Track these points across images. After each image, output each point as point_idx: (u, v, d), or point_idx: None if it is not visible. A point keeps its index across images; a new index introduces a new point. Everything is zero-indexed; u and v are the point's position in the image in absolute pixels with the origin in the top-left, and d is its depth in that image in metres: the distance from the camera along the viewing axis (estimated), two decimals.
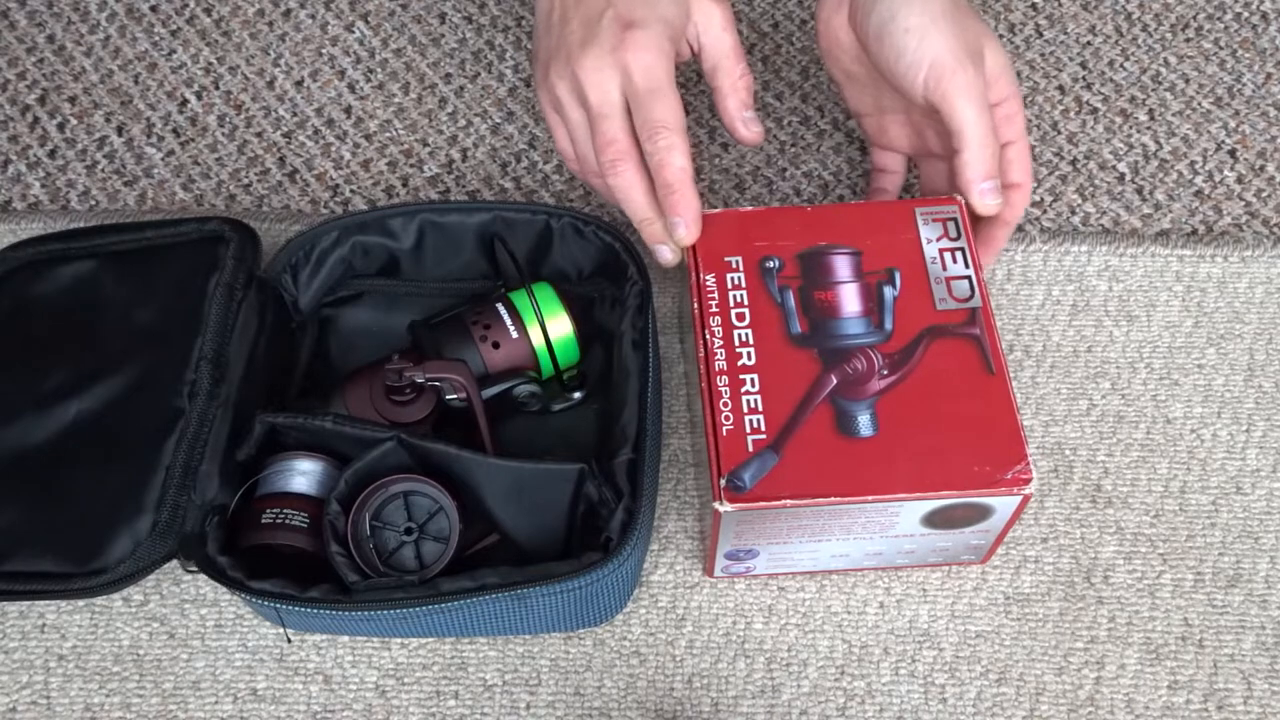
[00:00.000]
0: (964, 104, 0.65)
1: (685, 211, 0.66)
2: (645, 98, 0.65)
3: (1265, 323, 0.77)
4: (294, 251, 0.71)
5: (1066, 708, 0.67)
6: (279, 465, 0.66)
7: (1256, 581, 0.70)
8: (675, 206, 0.66)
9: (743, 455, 0.61)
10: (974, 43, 0.66)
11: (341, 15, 0.90)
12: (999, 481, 0.60)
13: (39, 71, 0.88)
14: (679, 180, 0.65)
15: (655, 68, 0.65)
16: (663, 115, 0.65)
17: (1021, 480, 0.60)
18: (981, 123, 0.65)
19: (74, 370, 0.69)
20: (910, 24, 0.65)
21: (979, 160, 0.66)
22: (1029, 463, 0.60)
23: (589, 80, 0.65)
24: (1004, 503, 0.61)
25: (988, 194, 0.67)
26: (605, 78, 0.65)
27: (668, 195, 0.66)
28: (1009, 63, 0.68)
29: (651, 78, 0.65)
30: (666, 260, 0.69)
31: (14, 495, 0.66)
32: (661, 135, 0.65)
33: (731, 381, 0.63)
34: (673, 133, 0.65)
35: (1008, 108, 0.68)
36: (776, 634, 0.69)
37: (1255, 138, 0.84)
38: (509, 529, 0.66)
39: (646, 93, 0.65)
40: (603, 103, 0.66)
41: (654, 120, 0.65)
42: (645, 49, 0.65)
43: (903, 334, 0.64)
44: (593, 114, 0.66)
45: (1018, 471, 0.60)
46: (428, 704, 0.67)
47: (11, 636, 0.69)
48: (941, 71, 0.65)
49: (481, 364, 0.68)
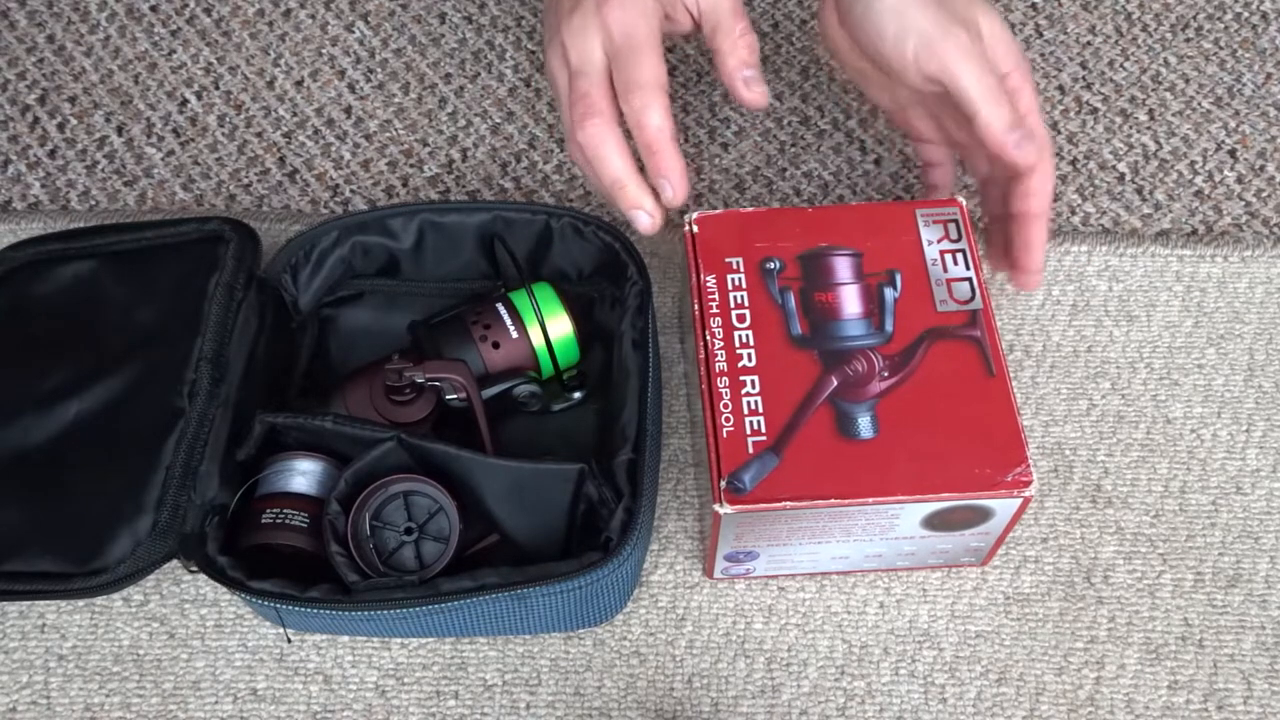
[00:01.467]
0: (962, 67, 0.63)
1: (669, 171, 0.64)
2: (624, 56, 0.63)
3: (1265, 323, 0.77)
4: (294, 251, 0.71)
5: (1066, 708, 0.67)
6: (279, 465, 0.66)
7: (1256, 581, 0.70)
8: (659, 167, 0.64)
9: (743, 457, 0.61)
10: (964, 12, 0.64)
11: (341, 15, 0.90)
12: (999, 484, 0.60)
13: (39, 71, 0.88)
14: (658, 139, 0.63)
15: (636, 26, 0.63)
16: (639, 74, 0.63)
17: (1022, 483, 0.60)
18: (985, 79, 0.63)
19: (74, 370, 0.69)
20: (887, 4, 0.64)
21: (996, 115, 0.63)
22: (1029, 465, 0.60)
23: (571, 42, 0.64)
24: (1004, 505, 0.61)
25: (1022, 143, 0.63)
26: (587, 37, 0.64)
27: (649, 156, 0.64)
28: (1008, 32, 0.65)
29: (631, 36, 0.63)
30: (644, 226, 0.66)
31: (14, 495, 0.66)
32: (636, 94, 0.63)
33: (732, 383, 0.63)
34: (649, 90, 0.63)
35: (1013, 80, 0.65)
36: (776, 634, 0.69)
37: (1255, 138, 0.84)
38: (509, 529, 0.66)
39: (625, 51, 0.63)
40: (582, 61, 0.64)
41: (631, 79, 0.63)
42: (627, 7, 0.63)
43: (903, 336, 0.64)
44: (571, 70, 0.65)
45: (1018, 474, 0.60)
46: (428, 704, 0.67)
47: (11, 636, 0.69)
48: (931, 40, 0.63)
49: (481, 364, 0.68)
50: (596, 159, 0.64)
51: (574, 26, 0.64)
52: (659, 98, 0.63)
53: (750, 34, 0.67)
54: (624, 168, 0.64)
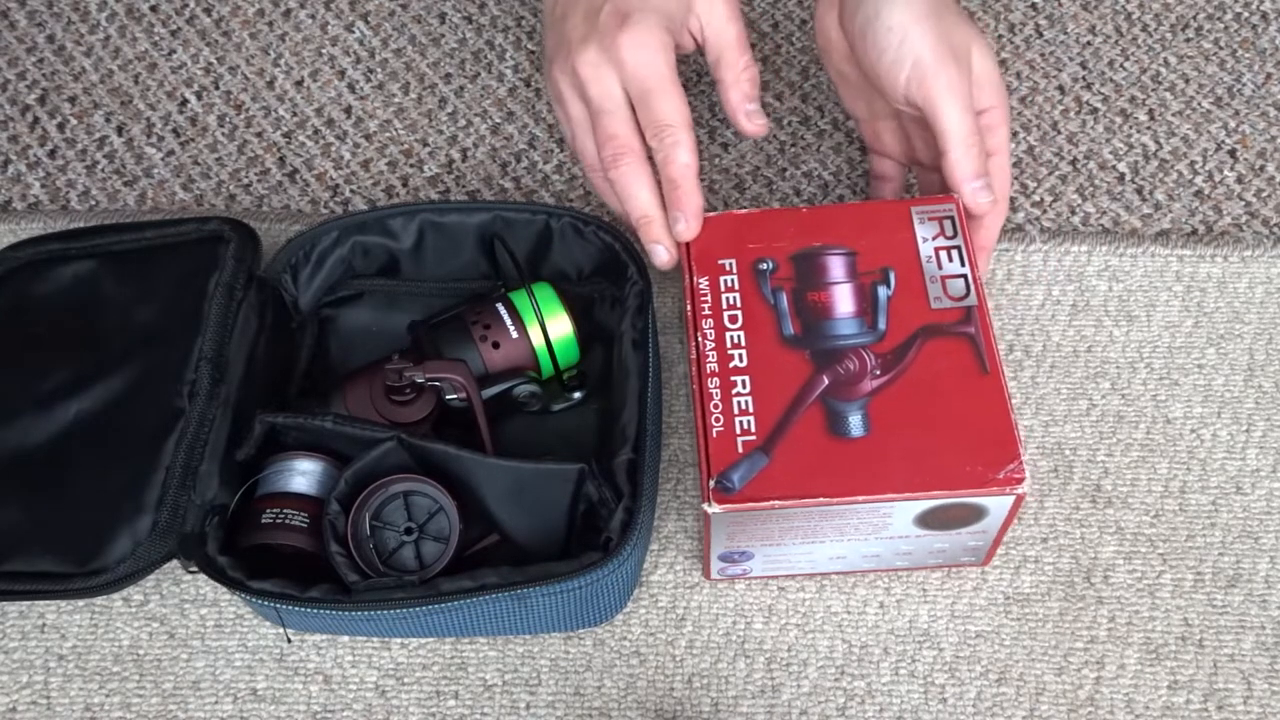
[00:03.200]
0: (948, 104, 0.64)
1: (686, 207, 0.66)
2: (648, 96, 0.65)
3: (1265, 323, 0.77)
4: (294, 251, 0.71)
5: (1066, 708, 0.67)
6: (279, 465, 0.66)
7: (1256, 581, 0.70)
8: (678, 201, 0.66)
9: (733, 457, 0.61)
10: (961, 44, 0.65)
11: (341, 15, 0.90)
12: (991, 481, 0.60)
13: (39, 71, 0.88)
14: (683, 176, 0.66)
15: (654, 63, 0.65)
16: (667, 113, 0.65)
17: (1014, 480, 0.60)
18: (965, 122, 0.65)
19: (74, 370, 0.69)
20: (893, 22, 0.65)
21: (965, 160, 0.66)
22: (1022, 462, 0.60)
23: (588, 76, 0.65)
24: (997, 503, 0.61)
25: (979, 192, 0.66)
26: (604, 74, 0.65)
27: (671, 190, 0.66)
28: (997, 70, 0.68)
29: (651, 74, 0.65)
30: (662, 261, 0.68)
31: (14, 495, 0.66)
32: (668, 132, 0.65)
33: (723, 383, 0.63)
34: (678, 129, 0.65)
35: (991, 117, 0.67)
36: (776, 634, 0.69)
37: (1255, 138, 0.84)
38: (509, 529, 0.66)
39: (648, 90, 0.65)
40: (604, 98, 0.66)
41: (659, 118, 0.65)
42: (642, 44, 0.65)
43: (896, 334, 0.64)
44: (593, 110, 0.66)
45: (1010, 471, 0.60)
46: (428, 704, 0.67)
47: (11, 636, 0.69)
48: (924, 71, 0.64)
49: (481, 364, 0.68)
50: (627, 196, 0.67)
51: (588, 60, 0.65)
52: (688, 136, 0.66)
53: (752, 67, 0.69)
54: (652, 203, 0.67)
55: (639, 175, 0.67)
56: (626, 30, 0.64)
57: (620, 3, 0.65)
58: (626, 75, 0.65)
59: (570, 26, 0.67)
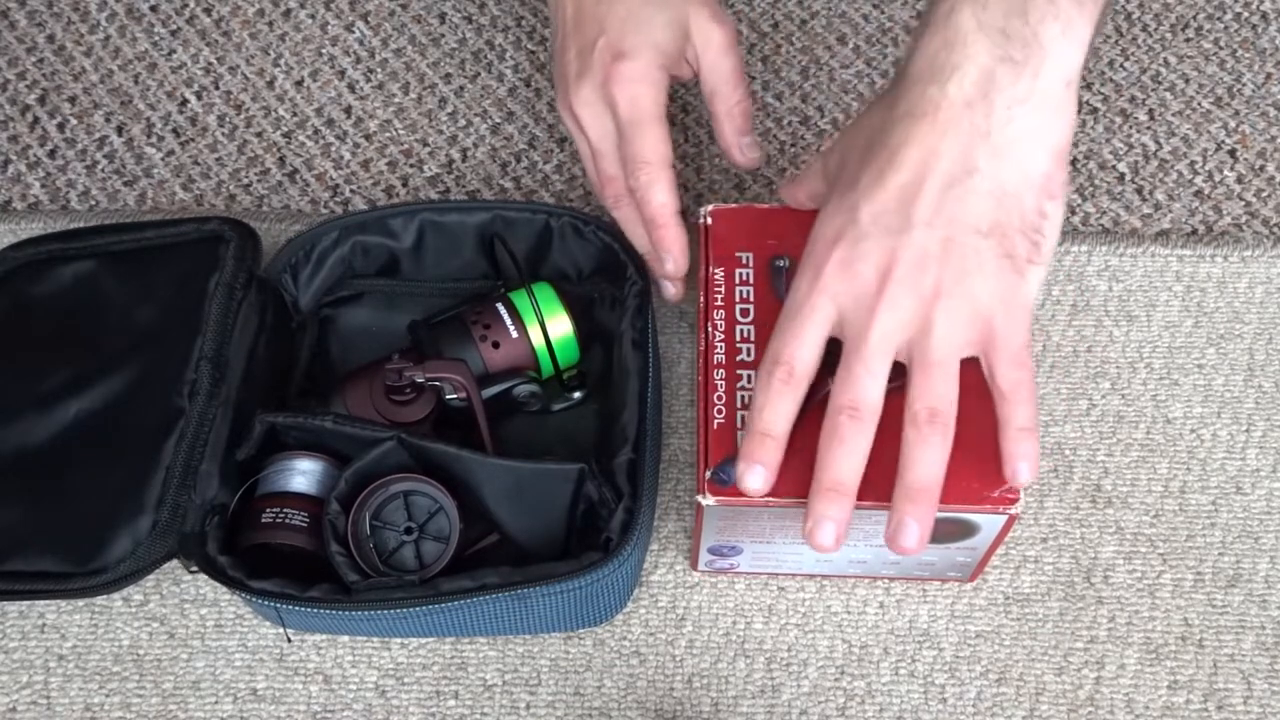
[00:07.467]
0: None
1: (671, 246, 0.67)
2: (628, 131, 0.65)
3: (1265, 323, 0.77)
4: (294, 251, 0.71)
5: (1066, 708, 0.67)
6: (279, 465, 0.66)
7: (1256, 581, 0.70)
8: (659, 241, 0.67)
9: (731, 450, 0.61)
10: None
11: (341, 15, 0.90)
12: (985, 499, 0.59)
13: (39, 71, 0.88)
14: (660, 214, 0.66)
15: (641, 99, 0.65)
16: (643, 150, 0.65)
17: (1008, 500, 0.59)
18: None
19: (74, 370, 0.69)
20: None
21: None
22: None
23: (583, 115, 0.66)
24: (989, 521, 0.61)
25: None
26: (598, 112, 0.66)
27: (652, 230, 0.67)
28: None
29: (636, 111, 0.65)
30: (668, 295, 0.70)
31: (14, 495, 0.66)
32: (642, 170, 0.65)
33: (728, 376, 0.63)
34: (654, 167, 0.65)
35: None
36: (776, 634, 0.69)
37: (1255, 138, 0.84)
38: (509, 529, 0.66)
39: (630, 125, 0.65)
40: (599, 139, 0.67)
41: (635, 156, 0.65)
42: (633, 81, 0.65)
43: None
44: (592, 149, 0.67)
45: (1005, 491, 0.60)
46: (428, 704, 0.67)
47: (11, 636, 0.69)
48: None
49: (481, 364, 0.68)
50: (632, 235, 0.69)
51: (584, 100, 0.66)
52: (663, 174, 0.65)
53: (746, 100, 0.70)
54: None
55: (637, 218, 0.68)
56: (619, 68, 0.65)
57: (614, 38, 0.65)
58: (618, 114, 0.65)
59: (567, 61, 0.67)
